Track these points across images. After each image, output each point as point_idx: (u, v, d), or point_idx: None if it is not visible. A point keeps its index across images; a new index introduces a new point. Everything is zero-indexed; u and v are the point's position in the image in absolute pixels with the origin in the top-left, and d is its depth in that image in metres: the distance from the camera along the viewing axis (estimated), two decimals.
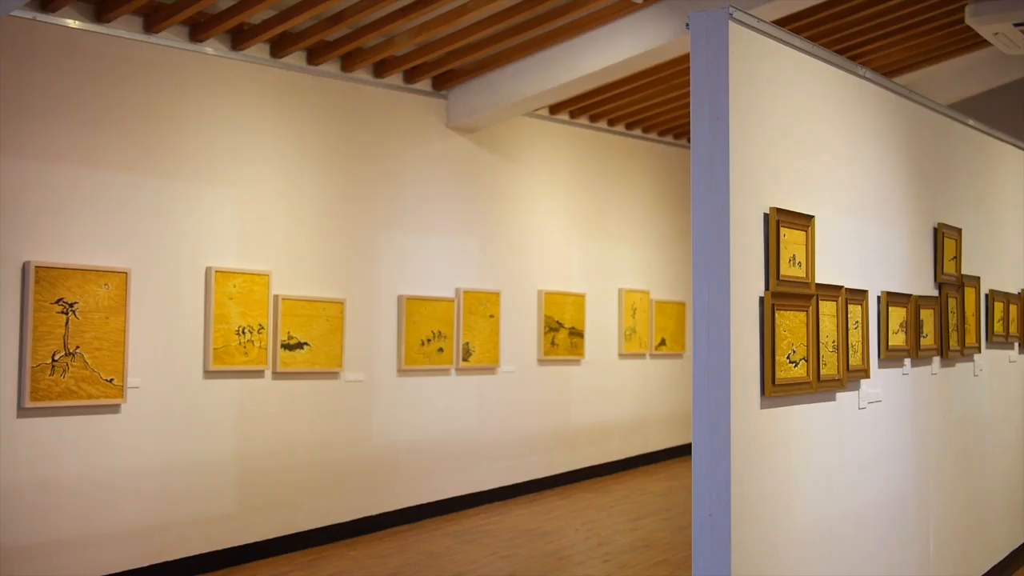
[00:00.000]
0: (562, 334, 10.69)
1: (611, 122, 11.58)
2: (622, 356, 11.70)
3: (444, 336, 9.25)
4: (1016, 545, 7.26)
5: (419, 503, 9.07)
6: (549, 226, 10.73)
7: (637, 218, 12.12)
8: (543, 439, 10.52)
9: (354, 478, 8.47)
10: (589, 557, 7.67)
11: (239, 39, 7.71)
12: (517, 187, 10.34)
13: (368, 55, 8.41)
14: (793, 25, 8.71)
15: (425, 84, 9.29)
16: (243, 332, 7.56)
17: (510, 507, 9.64)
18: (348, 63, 8.50)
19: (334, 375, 8.30)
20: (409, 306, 8.93)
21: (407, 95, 9.14)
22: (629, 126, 11.87)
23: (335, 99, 8.52)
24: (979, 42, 10.47)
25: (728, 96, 4.02)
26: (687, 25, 4.14)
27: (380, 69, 8.81)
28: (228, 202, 7.62)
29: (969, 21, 8.92)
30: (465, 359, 9.48)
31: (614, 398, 11.59)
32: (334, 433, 8.32)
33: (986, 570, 6.64)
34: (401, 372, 8.89)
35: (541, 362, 10.49)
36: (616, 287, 11.65)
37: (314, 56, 8.26)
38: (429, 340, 9.10)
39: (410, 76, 9.08)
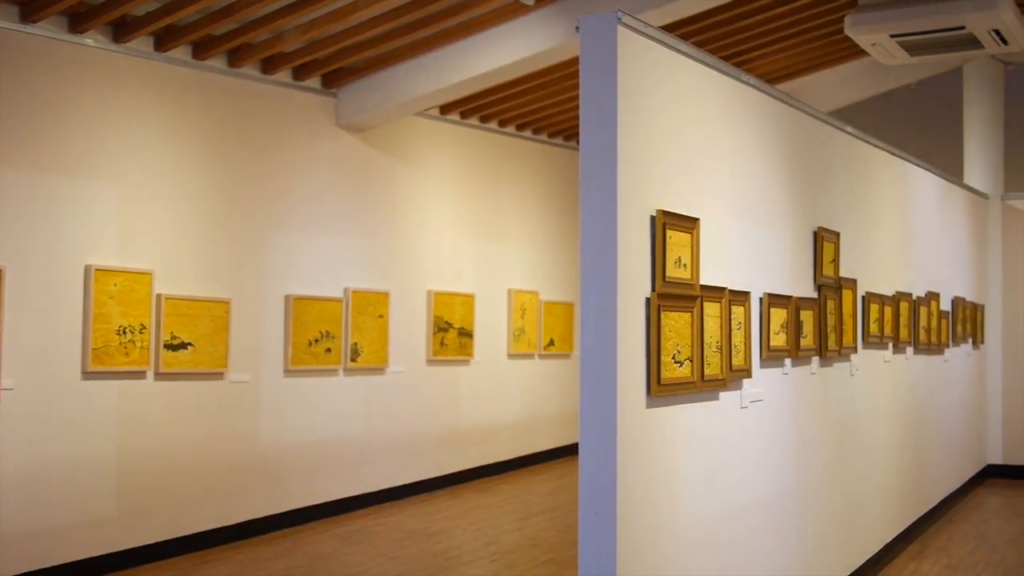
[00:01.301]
0: (451, 334, 10.69)
1: (502, 123, 11.62)
2: (511, 356, 11.74)
3: (332, 336, 9.16)
4: (889, 539, 7.51)
5: (306, 505, 8.95)
6: (439, 226, 10.71)
7: (527, 219, 12.18)
8: (432, 439, 10.50)
9: (240, 480, 8.33)
10: (477, 557, 7.68)
11: (121, 31, 7.50)
12: (407, 187, 10.29)
13: (256, 51, 8.27)
14: (680, 31, 8.85)
15: (314, 82, 9.18)
16: (124, 332, 7.36)
17: (399, 508, 9.60)
18: (235, 59, 8.35)
19: (219, 376, 8.15)
20: (296, 306, 8.82)
21: (296, 92, 9.03)
22: (519, 127, 11.92)
23: (222, 95, 8.36)
24: (858, 52, 10.80)
25: (616, 99, 4.07)
26: (576, 28, 4.18)
27: (268, 65, 8.67)
28: (109, 198, 7.41)
29: (848, 31, 9.20)
30: (353, 359, 9.40)
31: (503, 398, 11.63)
32: (219, 435, 8.16)
33: (861, 563, 6.85)
34: (288, 373, 8.77)
35: (430, 362, 10.47)
36: (505, 287, 11.69)
37: (200, 50, 8.09)
38: (317, 340, 9.00)
39: (299, 73, 8.96)
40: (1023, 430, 11.32)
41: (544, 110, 11.36)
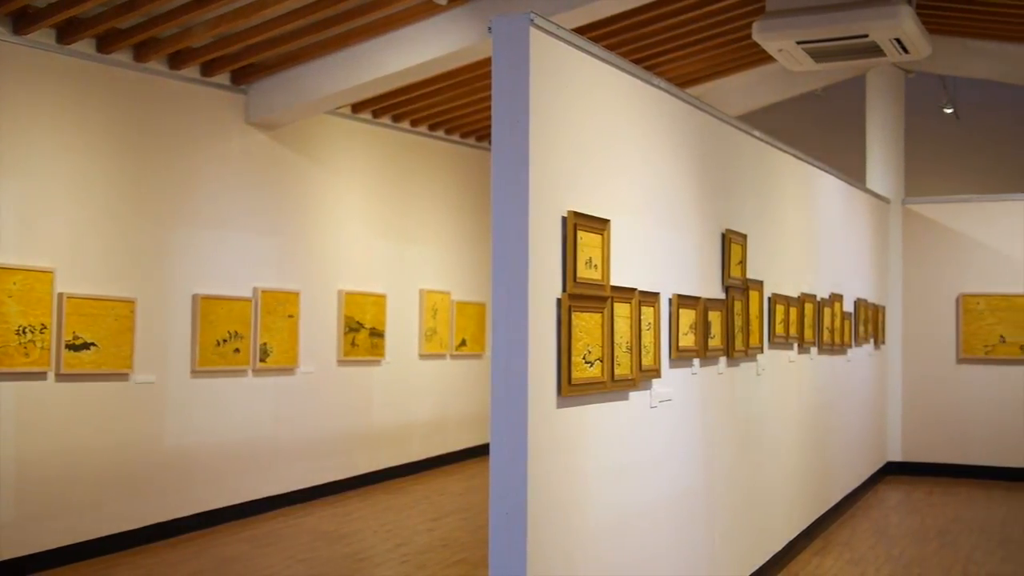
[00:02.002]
0: (362, 334, 10.62)
1: (414, 123, 11.58)
2: (423, 356, 11.71)
3: (241, 336, 9.03)
4: (793, 536, 7.66)
5: (215, 507, 8.81)
6: (350, 226, 10.63)
7: (439, 219, 12.16)
8: (343, 440, 10.42)
9: (145, 483, 8.16)
10: (387, 559, 7.65)
11: (22, 23, 7.30)
12: (318, 186, 10.20)
13: (163, 45, 8.11)
14: (593, 34, 8.92)
15: (223, 78, 9.04)
16: (24, 332, 7.16)
17: (309, 510, 9.50)
18: (142, 53, 8.18)
19: (123, 377, 7.98)
20: (204, 305, 8.67)
21: (204, 88, 8.88)
22: (432, 127, 11.90)
23: (127, 90, 8.18)
24: (766, 58, 11.01)
25: (529, 101, 4.08)
26: (489, 29, 4.19)
27: (176, 61, 8.51)
28: (7, 194, 7.20)
29: (756, 37, 9.36)
30: (263, 360, 9.28)
31: (414, 398, 11.59)
32: (123, 436, 7.99)
33: (767, 559, 6.98)
34: (195, 373, 8.63)
35: (341, 363, 10.38)
36: (417, 288, 11.66)
37: (105, 44, 7.91)
38: (225, 340, 8.87)
39: (207, 69, 8.82)
40: (921, 428, 11.64)
41: (456, 110, 11.36)
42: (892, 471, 11.67)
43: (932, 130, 14.49)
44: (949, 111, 14.14)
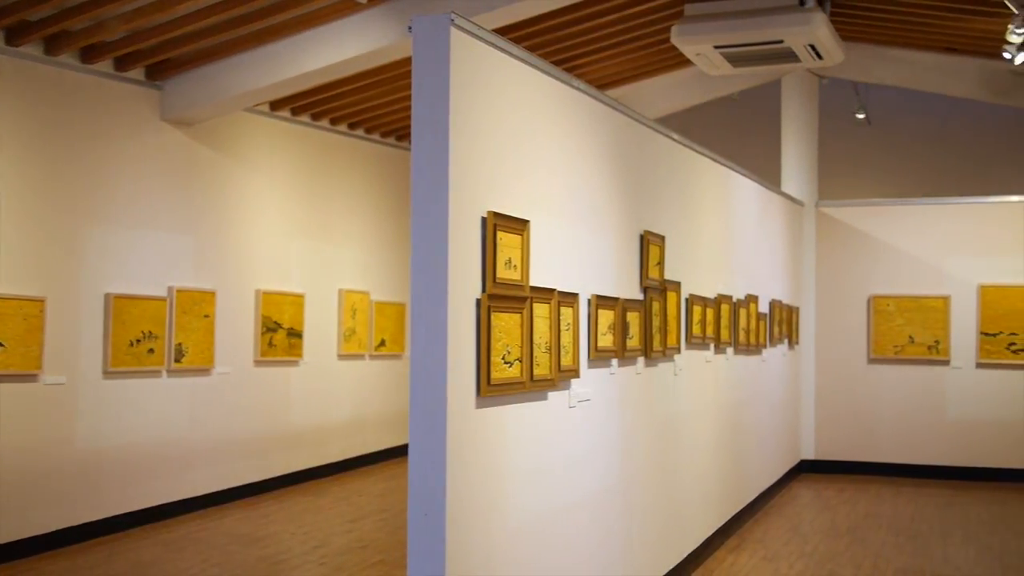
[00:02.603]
0: (280, 335, 10.50)
1: (333, 121, 11.49)
2: (341, 357, 11.62)
3: (155, 336, 8.87)
4: (710, 533, 7.77)
5: (127, 511, 8.64)
6: (268, 225, 10.51)
7: (358, 219, 12.08)
8: (260, 442, 10.29)
9: (55, 487, 7.97)
10: (305, 561, 7.57)
11: None
12: (235, 184, 10.06)
13: (75, 39, 7.93)
14: (513, 35, 8.95)
15: (138, 73, 8.87)
16: None
17: (224, 513, 9.37)
18: (53, 46, 7.98)
19: (32, 378, 7.78)
20: (117, 305, 8.50)
21: (118, 84, 8.70)
22: (352, 126, 11.81)
23: (37, 84, 7.98)
24: (684, 61, 11.14)
25: (449, 100, 4.07)
26: (409, 29, 4.17)
27: (88, 55, 8.32)
28: None
29: (674, 41, 9.48)
30: (178, 360, 9.12)
31: (333, 399, 11.50)
32: (32, 439, 7.79)
33: (683, 557, 7.06)
34: (107, 374, 8.45)
35: (258, 363, 10.26)
36: (336, 288, 11.57)
37: (14, 37, 7.70)
38: (139, 340, 8.70)
39: (121, 64, 8.64)
40: (834, 426, 11.88)
41: (376, 109, 11.30)
42: (805, 469, 11.89)
43: (845, 135, 14.80)
44: (861, 116, 14.45)
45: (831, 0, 9.68)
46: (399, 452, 12.46)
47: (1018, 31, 8.47)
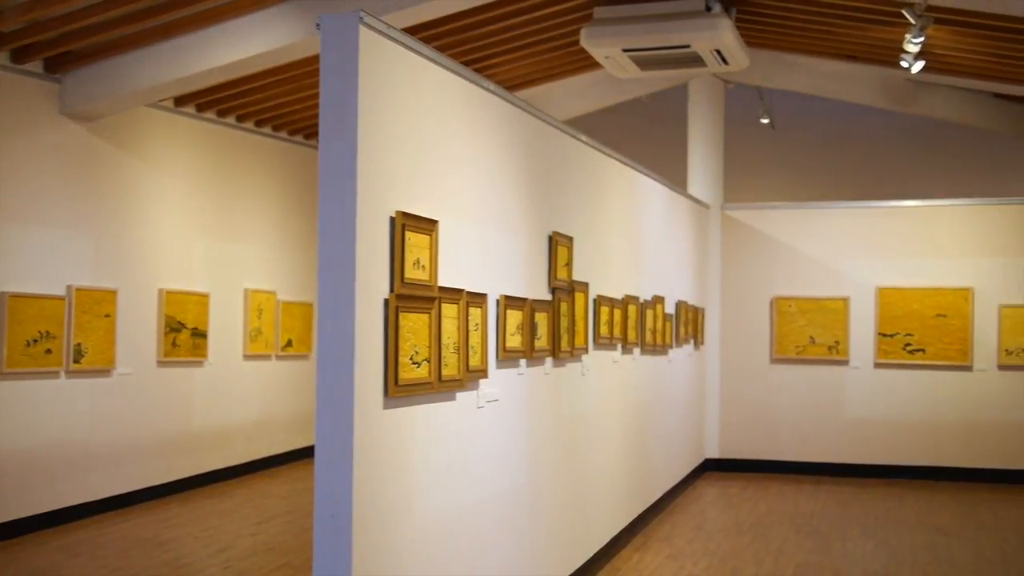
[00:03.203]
0: (184, 335, 10.31)
1: (240, 118, 11.32)
2: (247, 357, 11.46)
3: (53, 336, 8.63)
4: (616, 532, 7.84)
5: (24, 515, 8.39)
6: (172, 223, 10.31)
7: (265, 217, 11.92)
8: (162, 444, 10.08)
9: None
10: (209, 564, 7.45)
11: None
12: (138, 181, 9.84)
13: None
14: (423, 34, 8.92)
15: (36, 65, 8.62)
16: None
17: (126, 516, 9.16)
18: None
19: None
20: (12, 304, 8.25)
21: (15, 76, 8.44)
22: (258, 123, 11.66)
23: None
24: (593, 64, 11.22)
25: (357, 99, 4.05)
26: (318, 26, 4.13)
27: None
28: None
29: (584, 44, 9.55)
30: (77, 361, 8.89)
31: (238, 400, 11.33)
32: None
33: (590, 556, 7.11)
34: (3, 375, 8.20)
35: (161, 363, 10.05)
36: (242, 287, 11.40)
37: None
38: (36, 340, 8.46)
39: (19, 55, 8.39)
40: (737, 426, 12.09)
41: (284, 107, 11.17)
42: (710, 468, 12.08)
43: (750, 139, 15.07)
44: (765, 121, 14.73)
45: (737, 7, 9.85)
46: (306, 454, 12.33)
47: (915, 40, 8.72)
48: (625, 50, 9.62)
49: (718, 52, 9.62)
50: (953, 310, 11.45)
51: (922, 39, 8.71)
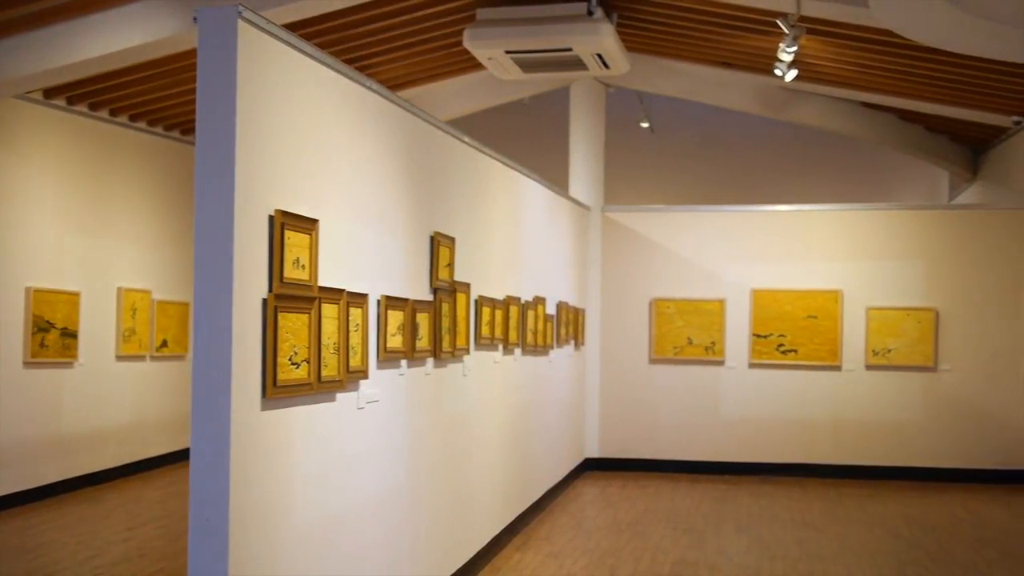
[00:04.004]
0: (53, 335, 9.97)
1: (114, 112, 11.01)
2: (120, 358, 11.15)
3: None
4: (497, 531, 7.87)
5: None
6: (40, 219, 9.96)
7: (140, 214, 11.61)
8: (30, 448, 9.73)
9: None
10: (78, 572, 7.22)
11: None
12: (4, 175, 9.48)
13: None
14: (304, 31, 8.81)
15: None
16: None
17: None
18: None
19: None
20: None
21: None
22: (133, 118, 11.35)
23: None
24: (476, 65, 11.24)
25: (236, 96, 3.98)
26: (195, 20, 4.04)
27: None
28: None
29: (467, 45, 9.57)
30: None
31: (111, 402, 11.01)
32: None
33: (471, 556, 7.12)
34: None
35: (28, 365, 9.71)
36: (115, 286, 11.08)
37: None
38: None
39: None
40: (617, 425, 12.25)
41: (160, 101, 10.90)
42: (590, 467, 12.21)
43: (631, 142, 15.32)
44: (645, 125, 14.99)
45: (618, 12, 9.99)
46: (182, 456, 12.04)
47: (788, 50, 8.97)
48: (508, 52, 9.68)
49: (599, 56, 9.75)
50: (823, 312, 11.82)
51: (795, 48, 8.97)
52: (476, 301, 7.28)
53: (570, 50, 9.56)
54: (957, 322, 11.60)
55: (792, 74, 9.67)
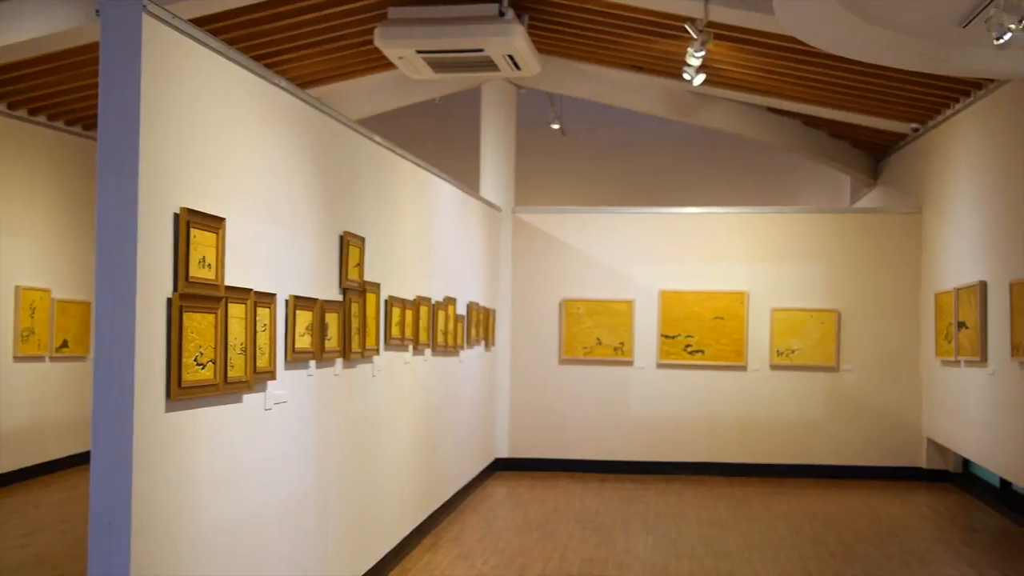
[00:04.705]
0: None
1: (12, 106, 10.69)
2: (18, 359, 10.83)
3: None
4: (406, 533, 7.84)
5: None
6: None
7: (39, 211, 11.30)
8: None
9: None
10: None
11: None
12: None
13: None
14: (212, 26, 8.67)
15: None
16: None
17: None
18: None
19: None
20: None
21: None
22: (33, 112, 11.04)
23: None
24: (388, 64, 11.18)
25: (140, 91, 3.90)
26: (97, 12, 3.95)
27: None
28: None
29: (378, 43, 9.52)
30: None
31: (8, 404, 10.69)
32: None
33: (380, 557, 7.08)
34: None
35: None
36: (12, 284, 10.76)
37: None
38: None
39: None
40: (527, 425, 12.29)
41: (61, 95, 10.62)
42: (500, 467, 12.24)
43: (542, 144, 15.40)
44: (556, 127, 15.07)
45: (529, 14, 10.03)
46: (82, 460, 11.75)
47: (696, 54, 9.10)
48: (419, 52, 9.65)
49: (511, 57, 9.78)
50: (730, 313, 12.01)
51: (703, 53, 9.10)
52: (386, 301, 7.24)
53: (482, 51, 9.58)
54: (858, 323, 11.90)
55: (700, 79, 9.81)
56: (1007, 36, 6.08)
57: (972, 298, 9.69)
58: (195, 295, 4.29)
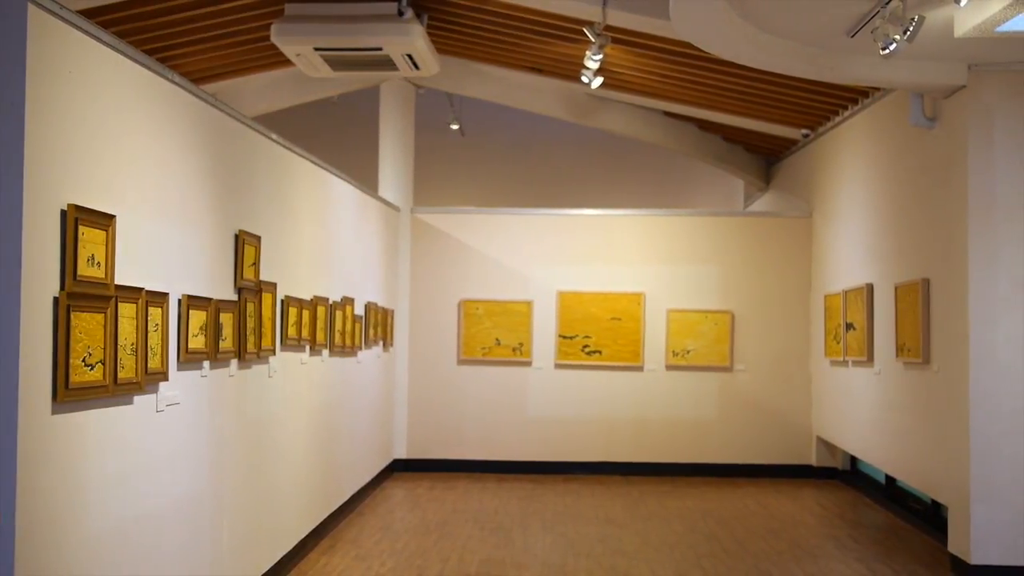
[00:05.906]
0: None
1: None
2: None
3: None
4: (303, 535, 7.75)
5: None
6: None
7: None
8: None
9: None
10: None
11: None
12: None
13: None
14: (102, 19, 8.46)
15: None
16: None
17: None
18: None
19: None
20: None
21: None
22: None
23: None
24: (285, 60, 11.04)
25: (25, 84, 3.79)
26: None
27: None
28: None
29: (274, 40, 9.40)
30: None
31: None
32: None
33: (277, 560, 7.00)
34: None
35: None
36: None
37: None
38: None
39: None
40: (425, 426, 12.26)
41: None
42: (398, 468, 12.18)
43: (441, 144, 15.38)
44: (455, 127, 15.07)
45: (429, 14, 10.01)
46: None
47: (594, 58, 9.19)
48: (317, 49, 9.55)
49: (410, 57, 9.74)
50: (627, 314, 12.16)
51: (601, 57, 9.20)
52: (283, 301, 7.16)
53: (380, 50, 9.52)
54: (750, 324, 12.15)
55: (598, 82, 9.91)
56: (892, 47, 6.28)
57: (859, 300, 9.99)
58: (83, 294, 4.19)
